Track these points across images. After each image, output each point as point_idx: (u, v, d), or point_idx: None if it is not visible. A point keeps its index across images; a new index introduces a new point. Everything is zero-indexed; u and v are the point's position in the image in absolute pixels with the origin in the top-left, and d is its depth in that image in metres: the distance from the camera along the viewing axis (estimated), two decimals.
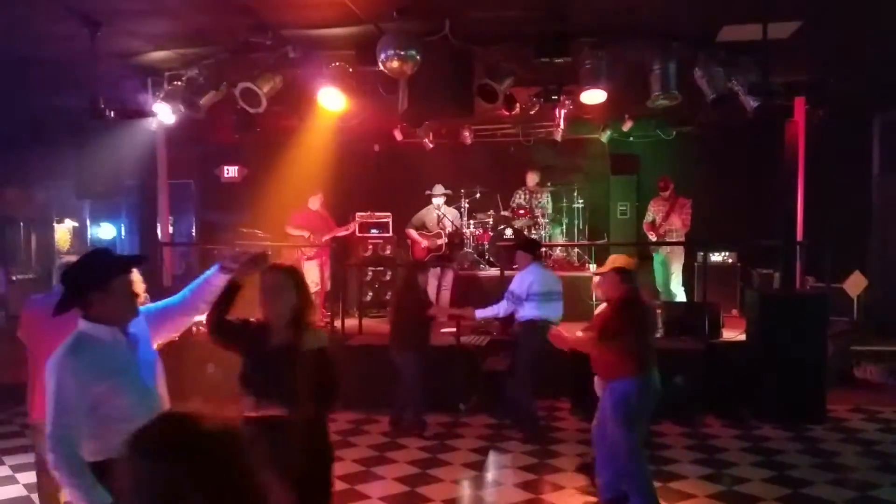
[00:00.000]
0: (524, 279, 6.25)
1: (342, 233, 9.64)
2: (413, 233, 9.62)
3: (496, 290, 7.24)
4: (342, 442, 6.50)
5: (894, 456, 5.92)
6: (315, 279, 9.43)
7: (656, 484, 4.77)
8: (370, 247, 10.19)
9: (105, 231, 12.77)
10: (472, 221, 10.20)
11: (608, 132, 10.51)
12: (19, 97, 8.19)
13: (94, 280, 2.47)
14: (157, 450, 1.30)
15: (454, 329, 7.49)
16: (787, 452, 6.01)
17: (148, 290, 3.63)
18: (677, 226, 9.42)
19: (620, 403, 4.39)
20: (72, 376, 2.38)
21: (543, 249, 10.24)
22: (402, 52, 5.65)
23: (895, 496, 5.06)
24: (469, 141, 10.63)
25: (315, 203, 9.49)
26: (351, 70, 6.73)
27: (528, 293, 6.19)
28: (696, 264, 9.63)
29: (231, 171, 11.36)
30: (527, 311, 6.22)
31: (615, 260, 4.68)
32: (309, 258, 9.41)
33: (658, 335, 8.06)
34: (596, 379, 4.72)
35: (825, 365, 7.05)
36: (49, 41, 6.44)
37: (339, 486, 5.42)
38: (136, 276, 2.84)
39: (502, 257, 8.53)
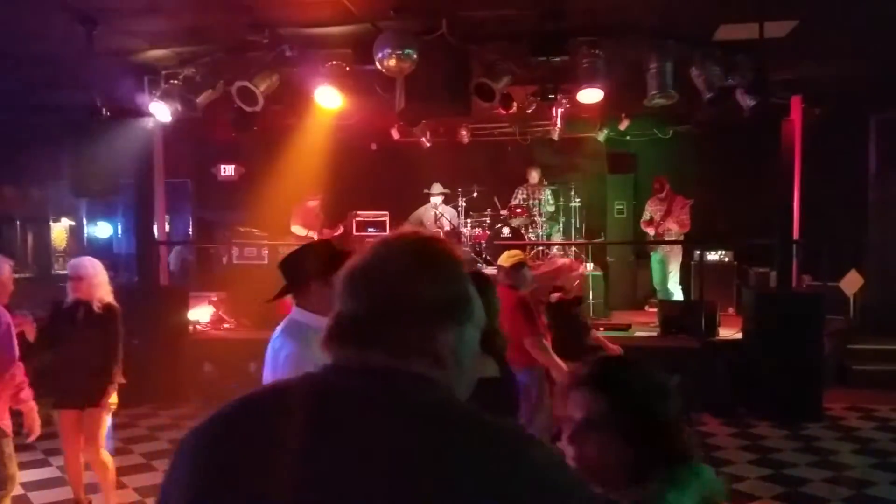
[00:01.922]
0: None
1: (334, 234, 9.65)
2: None
3: None
4: None
5: (890, 454, 5.93)
6: None
7: None
8: None
9: (102, 230, 12.75)
10: (469, 220, 10.20)
11: (605, 131, 10.51)
12: (15, 95, 8.17)
13: (317, 271, 2.48)
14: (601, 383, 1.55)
15: None
16: (784, 450, 6.02)
17: (144, 289, 3.64)
18: (674, 227, 9.43)
19: None
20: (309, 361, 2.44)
21: (540, 248, 10.29)
22: (400, 51, 5.63)
23: (892, 494, 5.07)
24: (466, 140, 10.62)
25: (314, 204, 9.53)
26: (348, 69, 6.72)
27: None
28: (692, 263, 9.65)
29: (228, 170, 11.34)
30: None
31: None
32: None
33: (655, 333, 8.10)
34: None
35: (822, 363, 7.07)
36: (45, 39, 6.42)
37: None
38: None
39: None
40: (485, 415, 0.97)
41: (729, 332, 7.76)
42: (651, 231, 9.65)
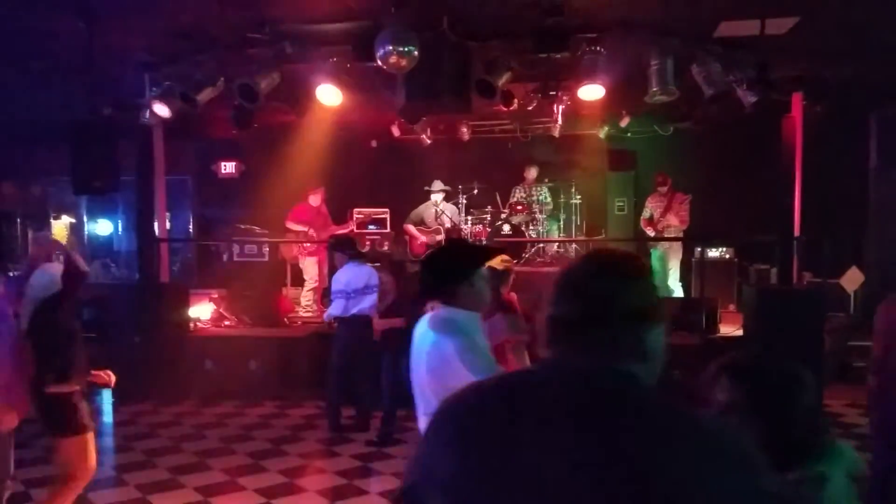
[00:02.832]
0: (338, 278, 6.61)
1: (340, 231, 9.65)
2: (411, 228, 9.62)
3: None
4: (340, 438, 6.51)
5: None
6: (314, 275, 9.45)
7: None
8: (368, 243, 10.19)
9: (102, 227, 12.75)
10: (469, 217, 10.20)
11: (606, 128, 10.50)
12: (16, 92, 8.17)
13: (464, 272, 2.60)
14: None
15: None
16: None
17: (144, 287, 3.66)
18: (675, 223, 9.43)
19: None
20: (476, 348, 2.54)
21: (541, 245, 10.29)
22: (400, 48, 5.63)
23: None
24: (467, 137, 10.61)
25: (315, 200, 9.50)
26: (348, 66, 6.71)
27: (339, 290, 6.53)
28: (693, 260, 9.65)
29: (228, 167, 11.34)
30: (334, 309, 6.59)
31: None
32: (310, 253, 9.41)
33: None
34: None
35: (822, 360, 7.06)
36: (46, 36, 6.42)
37: (338, 481, 5.44)
38: None
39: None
40: (682, 404, 1.18)
41: (729, 329, 7.76)
42: (650, 231, 9.65)
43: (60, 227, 11.97)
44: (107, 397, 7.71)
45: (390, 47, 5.62)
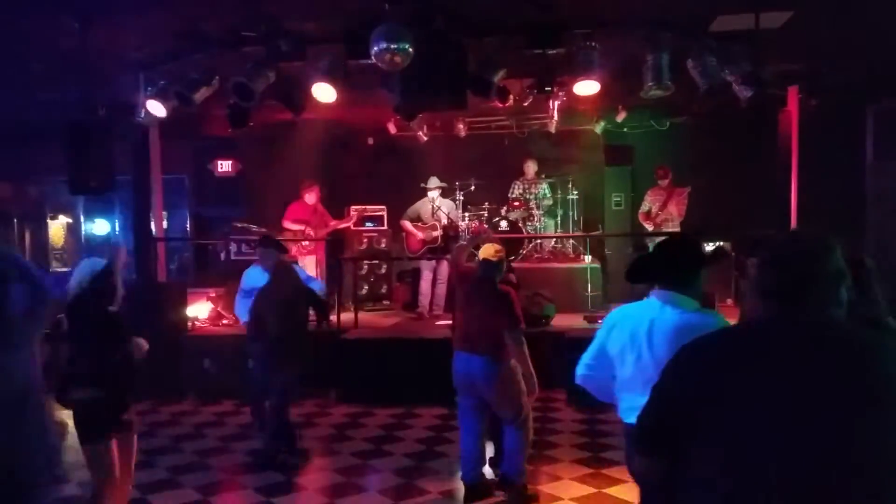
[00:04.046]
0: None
1: (343, 225, 9.64)
2: (408, 225, 9.62)
3: None
4: (339, 435, 6.52)
5: None
6: (313, 274, 9.45)
7: None
8: (365, 240, 10.20)
9: (99, 227, 12.73)
10: (467, 214, 10.20)
11: (602, 123, 10.51)
12: (12, 92, 8.15)
13: (696, 264, 3.03)
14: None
15: (449, 322, 7.50)
16: None
17: (142, 286, 3.64)
18: (675, 215, 9.44)
19: None
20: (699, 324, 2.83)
21: (539, 241, 10.30)
22: (395, 45, 5.61)
23: None
24: (463, 133, 10.61)
25: (311, 198, 9.48)
26: (344, 63, 6.70)
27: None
28: None
29: (225, 166, 11.32)
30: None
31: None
32: (309, 252, 9.41)
33: None
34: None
35: None
36: (41, 36, 6.40)
37: (336, 479, 5.45)
38: None
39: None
40: (871, 333, 1.89)
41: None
42: (648, 225, 9.65)
43: (57, 228, 11.97)
44: None
45: (385, 45, 5.61)
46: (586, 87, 6.72)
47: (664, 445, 1.78)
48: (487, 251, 4.87)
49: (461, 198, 10.21)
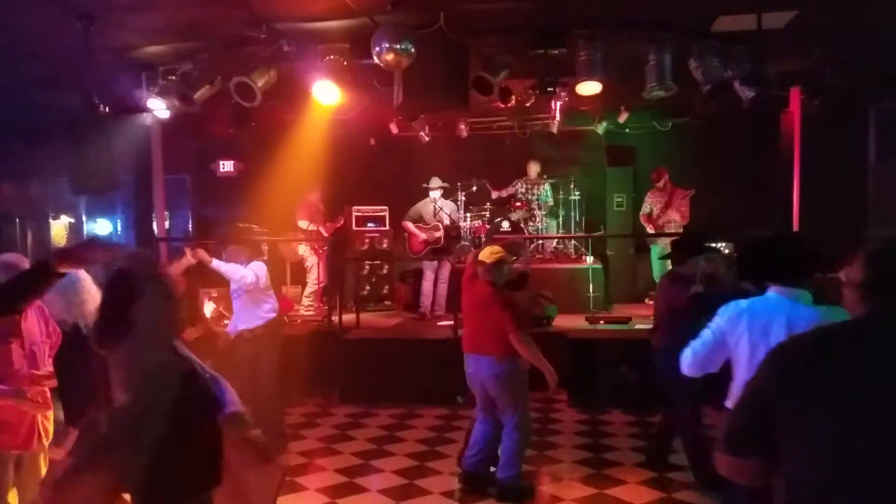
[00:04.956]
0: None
1: (334, 227, 9.66)
2: (410, 226, 9.62)
3: None
4: (340, 436, 6.52)
5: None
6: (317, 274, 9.45)
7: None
8: (367, 240, 10.19)
9: (101, 227, 12.74)
10: (468, 214, 10.18)
11: (604, 124, 10.49)
12: (13, 92, 8.16)
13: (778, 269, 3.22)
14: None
15: (451, 322, 7.50)
16: None
17: None
18: (676, 218, 9.42)
19: None
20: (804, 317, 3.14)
21: (541, 242, 10.30)
22: (397, 45, 5.62)
23: None
24: (465, 134, 10.60)
25: (314, 197, 9.51)
26: (346, 63, 6.70)
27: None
28: None
29: (227, 166, 11.30)
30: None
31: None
32: (315, 252, 9.41)
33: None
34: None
35: None
36: (43, 36, 6.41)
37: (338, 479, 5.45)
38: None
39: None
40: None
41: None
42: (650, 227, 9.64)
43: (59, 228, 11.97)
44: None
45: (387, 45, 5.62)
46: (588, 88, 6.72)
47: (759, 444, 1.78)
48: (484, 253, 4.90)
49: (463, 198, 10.20)
